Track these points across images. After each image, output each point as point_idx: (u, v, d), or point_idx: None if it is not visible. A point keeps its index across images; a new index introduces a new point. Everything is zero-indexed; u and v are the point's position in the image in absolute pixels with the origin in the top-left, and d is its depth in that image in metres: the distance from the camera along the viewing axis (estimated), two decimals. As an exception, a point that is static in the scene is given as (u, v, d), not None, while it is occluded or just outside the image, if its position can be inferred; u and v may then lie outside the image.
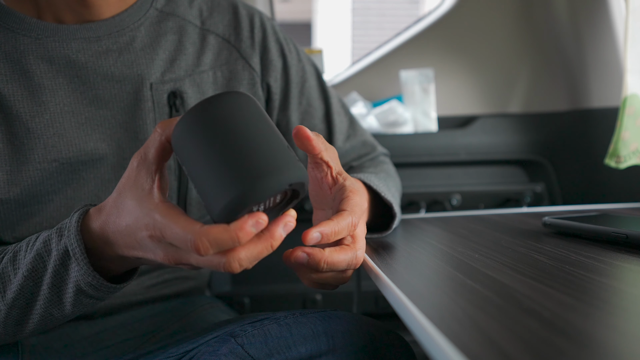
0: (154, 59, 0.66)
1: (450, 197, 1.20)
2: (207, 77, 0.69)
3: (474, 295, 0.39)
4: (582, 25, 1.18)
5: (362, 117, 1.22)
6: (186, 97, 0.67)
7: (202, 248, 0.38)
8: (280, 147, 0.40)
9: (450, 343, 0.30)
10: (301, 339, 0.48)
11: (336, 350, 0.47)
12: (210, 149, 0.39)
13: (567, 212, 0.81)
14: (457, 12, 1.29)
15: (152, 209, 0.41)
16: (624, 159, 0.91)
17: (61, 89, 0.61)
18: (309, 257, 0.46)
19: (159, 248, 0.42)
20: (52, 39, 0.61)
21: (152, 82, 0.65)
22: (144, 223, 0.42)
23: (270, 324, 0.52)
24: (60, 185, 0.61)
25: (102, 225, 0.45)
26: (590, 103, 1.19)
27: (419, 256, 0.53)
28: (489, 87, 1.29)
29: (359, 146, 0.80)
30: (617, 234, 0.53)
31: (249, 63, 0.72)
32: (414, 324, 0.36)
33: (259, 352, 0.49)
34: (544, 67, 1.27)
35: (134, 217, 0.43)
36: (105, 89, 0.63)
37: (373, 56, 1.33)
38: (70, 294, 0.48)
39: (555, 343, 0.29)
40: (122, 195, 0.44)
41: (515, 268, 0.46)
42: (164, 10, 0.68)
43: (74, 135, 0.61)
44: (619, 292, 0.39)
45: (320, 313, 0.52)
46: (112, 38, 0.64)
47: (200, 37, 0.70)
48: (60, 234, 0.47)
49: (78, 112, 0.62)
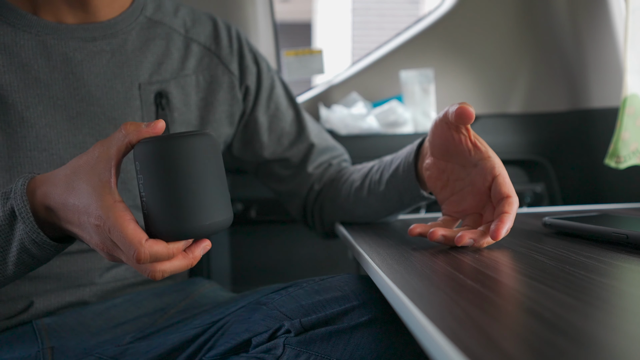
0: (142, 61, 0.71)
1: (450, 197, 1.20)
2: (190, 80, 0.75)
3: (474, 295, 0.39)
4: (582, 26, 1.18)
5: (362, 117, 1.22)
6: (171, 97, 0.73)
7: (142, 258, 0.45)
8: (221, 196, 0.49)
9: (451, 343, 0.30)
10: (332, 299, 0.54)
11: (367, 304, 0.53)
12: (163, 181, 0.46)
13: (567, 212, 0.81)
14: (457, 12, 1.29)
15: (108, 206, 0.46)
16: (623, 159, 0.91)
17: (56, 83, 0.66)
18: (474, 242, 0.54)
19: (98, 237, 0.47)
20: (52, 37, 0.66)
21: (140, 82, 0.71)
22: (96, 214, 0.46)
23: (296, 290, 0.57)
24: None
25: (45, 193, 0.50)
26: (590, 103, 1.19)
27: (419, 256, 0.53)
28: (489, 87, 1.29)
29: (331, 147, 0.86)
30: (618, 234, 0.53)
31: (229, 68, 0.79)
32: (414, 324, 0.36)
33: (297, 313, 0.53)
34: (544, 67, 1.27)
35: (84, 201, 0.47)
36: (97, 87, 0.68)
37: (373, 56, 1.33)
38: (13, 253, 0.52)
39: (556, 343, 0.29)
40: (76, 174, 0.48)
41: (515, 268, 0.46)
42: (153, 18, 0.74)
43: (64, 127, 0.66)
44: (619, 292, 0.39)
45: (339, 277, 0.58)
46: (106, 39, 0.69)
47: (185, 45, 0.76)
48: (5, 197, 0.51)
49: (70, 106, 0.66)
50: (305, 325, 0.52)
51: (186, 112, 0.74)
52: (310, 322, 0.52)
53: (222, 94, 0.78)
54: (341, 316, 0.52)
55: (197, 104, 0.76)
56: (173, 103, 0.73)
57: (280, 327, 0.52)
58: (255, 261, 1.24)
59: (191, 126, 0.75)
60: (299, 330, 0.51)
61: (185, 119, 0.74)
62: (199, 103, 0.76)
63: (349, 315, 0.52)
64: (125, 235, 0.45)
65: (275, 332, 0.52)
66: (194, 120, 0.75)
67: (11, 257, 0.52)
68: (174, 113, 0.73)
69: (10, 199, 0.51)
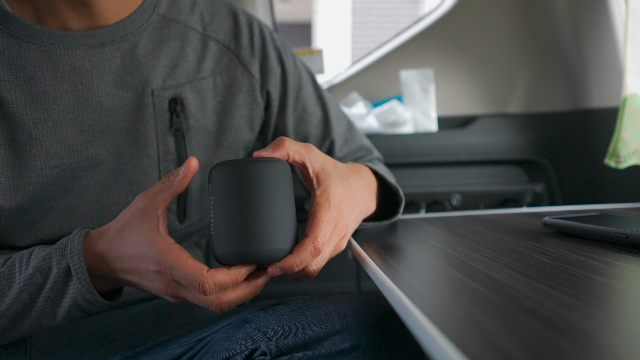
0: (155, 65, 0.66)
1: (450, 197, 1.20)
2: (207, 83, 0.69)
3: (474, 295, 0.39)
4: (582, 26, 1.18)
5: (362, 117, 1.21)
6: (187, 103, 0.67)
7: (207, 289, 0.46)
8: (288, 224, 0.49)
9: (451, 343, 0.30)
10: (315, 320, 0.51)
11: (350, 328, 0.50)
12: (233, 203, 0.48)
13: (567, 212, 0.81)
14: (457, 12, 1.29)
15: (164, 250, 0.48)
16: (623, 159, 0.91)
17: (65, 96, 0.61)
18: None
19: (161, 281, 0.49)
20: (57, 46, 0.61)
21: (153, 88, 0.65)
22: (154, 259, 0.48)
23: (282, 309, 0.55)
24: (60, 191, 0.62)
25: (103, 249, 0.51)
26: (590, 103, 1.19)
27: (419, 256, 0.53)
28: (489, 87, 1.29)
29: (356, 150, 0.81)
30: (618, 234, 0.53)
31: (249, 70, 0.72)
32: (414, 324, 0.36)
33: (276, 334, 0.51)
34: (544, 67, 1.27)
35: (140, 250, 0.49)
36: (108, 96, 0.63)
37: (373, 56, 1.33)
38: (64, 308, 0.53)
39: (556, 343, 0.29)
40: (126, 227, 0.51)
41: (515, 268, 0.46)
42: (167, 16, 0.69)
43: (76, 141, 0.62)
44: (619, 292, 0.39)
45: (329, 296, 0.55)
46: (115, 44, 0.64)
47: (202, 44, 0.70)
48: (61, 253, 0.52)
49: (81, 119, 0.62)
50: (282, 348, 0.50)
51: (203, 118, 0.69)
52: (288, 345, 0.50)
53: (241, 97, 0.72)
54: (321, 340, 0.49)
55: (214, 109, 0.70)
56: (188, 109, 0.67)
57: (257, 348, 0.51)
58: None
59: (208, 133, 0.70)
60: (275, 354, 0.50)
61: (202, 125, 0.69)
62: (217, 108, 0.70)
63: (330, 340, 0.49)
64: (186, 271, 0.46)
65: (252, 353, 0.51)
66: (211, 127, 0.70)
67: (61, 311, 0.53)
68: (190, 120, 0.68)
69: (66, 256, 0.52)
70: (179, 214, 0.69)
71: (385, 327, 0.51)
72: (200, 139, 0.69)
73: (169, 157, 0.66)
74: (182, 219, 0.69)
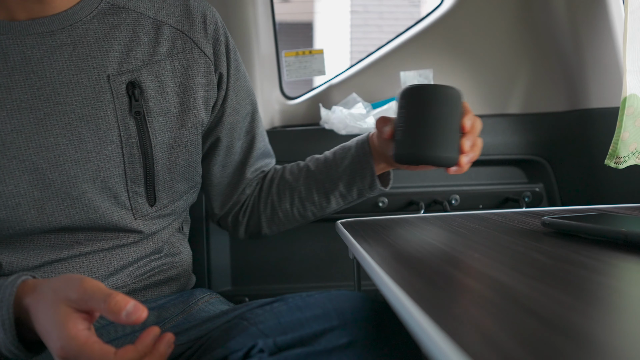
0: (108, 50, 0.67)
1: (449, 197, 1.20)
2: (164, 65, 0.70)
3: (474, 295, 0.39)
4: (581, 26, 1.18)
5: (362, 118, 1.22)
6: (145, 86, 0.68)
7: None
8: (458, 139, 0.64)
9: (451, 342, 0.30)
10: (313, 317, 0.52)
11: (347, 325, 0.51)
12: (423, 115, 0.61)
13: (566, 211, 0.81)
14: (457, 13, 1.29)
15: (71, 336, 0.47)
16: (623, 160, 0.91)
17: (17, 85, 0.62)
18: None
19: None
20: (6, 36, 0.62)
21: (109, 73, 0.66)
22: (60, 345, 0.47)
23: (280, 306, 0.55)
24: (25, 186, 0.61)
25: (28, 304, 0.51)
26: (589, 103, 1.19)
27: (419, 256, 0.53)
28: (488, 87, 1.29)
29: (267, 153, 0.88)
30: (616, 233, 0.53)
31: (204, 52, 0.74)
32: (414, 324, 0.36)
33: (273, 331, 0.51)
34: (543, 67, 1.27)
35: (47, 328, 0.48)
36: (63, 83, 0.64)
37: (372, 57, 1.33)
38: None
39: (555, 342, 0.29)
40: (49, 295, 0.49)
41: (514, 267, 0.46)
42: (116, 4, 0.70)
43: (33, 131, 0.62)
44: (618, 291, 0.40)
45: (327, 293, 0.56)
46: (65, 32, 0.64)
47: (155, 28, 0.71)
48: None
49: (36, 107, 0.62)
50: (280, 344, 0.50)
51: (162, 100, 0.69)
52: (286, 342, 0.50)
53: (200, 78, 0.73)
54: (319, 337, 0.50)
55: (175, 91, 0.71)
56: (147, 92, 0.68)
57: (255, 345, 0.51)
58: (255, 261, 1.25)
59: (171, 114, 0.70)
60: (273, 350, 0.50)
61: (163, 107, 0.69)
62: (177, 89, 0.71)
63: (327, 336, 0.50)
64: (93, 357, 0.46)
65: (250, 351, 0.51)
66: (174, 108, 0.71)
67: None
68: (150, 102, 0.68)
69: None
70: (148, 197, 0.69)
71: (382, 323, 0.52)
72: (162, 121, 0.69)
73: (131, 141, 0.67)
74: (153, 202, 0.70)
